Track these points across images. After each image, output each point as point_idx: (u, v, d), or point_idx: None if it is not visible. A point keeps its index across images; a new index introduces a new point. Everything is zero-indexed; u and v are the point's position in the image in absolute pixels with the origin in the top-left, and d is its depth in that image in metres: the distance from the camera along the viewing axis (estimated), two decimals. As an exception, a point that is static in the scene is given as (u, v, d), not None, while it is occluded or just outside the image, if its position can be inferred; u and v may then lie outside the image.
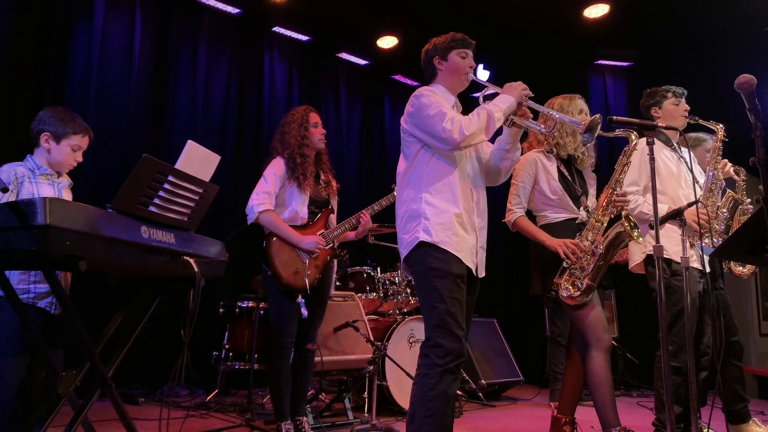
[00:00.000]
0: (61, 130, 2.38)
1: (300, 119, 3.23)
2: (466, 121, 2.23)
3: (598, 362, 2.60)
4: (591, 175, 2.98)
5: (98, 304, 4.19)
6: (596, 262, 2.61)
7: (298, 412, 3.18)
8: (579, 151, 2.86)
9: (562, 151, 2.85)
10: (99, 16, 4.66)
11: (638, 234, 2.61)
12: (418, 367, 2.19)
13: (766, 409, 4.27)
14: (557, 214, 2.82)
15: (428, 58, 2.50)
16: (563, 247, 2.63)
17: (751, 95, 1.83)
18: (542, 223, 2.85)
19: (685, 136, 3.27)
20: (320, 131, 3.25)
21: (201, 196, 2.10)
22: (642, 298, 5.12)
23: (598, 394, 2.59)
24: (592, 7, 5.51)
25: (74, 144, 2.40)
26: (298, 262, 3.11)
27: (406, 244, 2.31)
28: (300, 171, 3.15)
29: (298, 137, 3.19)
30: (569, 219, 2.80)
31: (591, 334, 2.63)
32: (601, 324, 2.64)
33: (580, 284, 2.62)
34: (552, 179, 2.81)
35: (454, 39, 2.45)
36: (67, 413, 2.02)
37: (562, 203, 2.80)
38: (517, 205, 2.83)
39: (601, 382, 2.58)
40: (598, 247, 2.62)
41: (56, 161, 2.40)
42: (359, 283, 4.46)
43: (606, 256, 2.62)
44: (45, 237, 1.52)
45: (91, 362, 1.98)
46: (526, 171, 2.83)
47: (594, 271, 2.61)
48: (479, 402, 4.57)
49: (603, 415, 2.59)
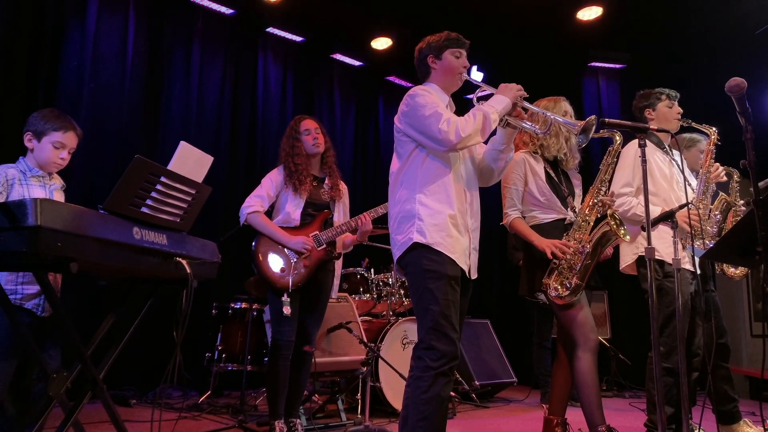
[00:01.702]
0: (41, 127, 2.34)
1: (290, 129, 3.36)
2: (462, 122, 2.21)
3: (585, 363, 2.63)
4: (576, 176, 3.01)
5: (90, 305, 4.17)
6: (583, 260, 2.65)
7: (291, 413, 3.19)
8: (562, 153, 2.88)
9: (546, 152, 2.87)
10: (92, 17, 4.64)
11: (624, 232, 2.65)
12: (411, 370, 2.18)
13: (757, 410, 4.29)
14: (546, 214, 2.84)
15: (422, 56, 2.49)
16: (551, 247, 2.67)
17: (741, 98, 1.85)
18: (532, 223, 2.86)
19: (677, 137, 3.29)
20: (312, 137, 3.30)
21: (194, 197, 2.09)
22: (635, 300, 5.14)
23: (584, 393, 2.64)
24: (586, 9, 5.54)
25: (55, 141, 2.35)
26: (284, 261, 3.15)
27: (399, 245, 2.30)
28: (295, 178, 3.23)
29: (287, 147, 3.31)
30: (558, 219, 2.82)
31: (579, 335, 2.66)
32: (588, 324, 2.67)
33: (568, 283, 2.65)
34: (539, 180, 2.83)
35: (448, 38, 2.44)
36: (58, 415, 2.01)
37: (551, 204, 2.82)
38: (511, 207, 2.86)
39: (588, 382, 2.63)
40: (586, 246, 2.66)
41: (40, 160, 2.36)
42: (353, 285, 4.46)
43: (593, 254, 2.66)
44: (36, 238, 1.51)
45: (83, 364, 1.96)
46: (515, 172, 2.85)
47: (582, 270, 2.65)
48: (472, 403, 4.57)
49: (589, 414, 2.64)
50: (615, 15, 5.54)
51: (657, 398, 2.17)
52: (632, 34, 5.87)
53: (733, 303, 5.53)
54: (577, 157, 2.95)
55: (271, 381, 3.11)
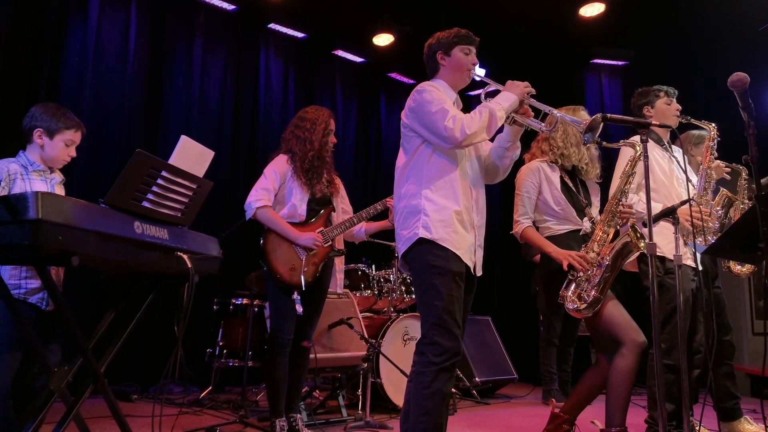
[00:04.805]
0: (54, 125, 2.37)
1: (325, 123, 3.22)
2: (467, 119, 2.20)
3: (628, 361, 2.53)
4: (595, 187, 2.95)
5: (91, 300, 4.18)
6: (602, 273, 2.55)
7: (292, 409, 3.19)
8: (583, 162, 2.83)
9: (566, 161, 2.81)
10: (94, 12, 4.64)
11: (645, 244, 2.52)
12: (414, 365, 2.18)
13: (758, 407, 4.29)
14: (561, 225, 2.78)
15: (431, 52, 2.47)
16: (569, 258, 2.58)
17: (744, 93, 1.84)
18: (546, 234, 2.80)
19: (686, 134, 3.28)
20: (333, 139, 3.27)
21: (195, 192, 2.09)
22: (636, 297, 5.14)
23: (615, 393, 2.55)
24: (588, 6, 5.52)
25: (67, 139, 2.40)
26: (294, 258, 3.11)
27: (404, 240, 2.28)
28: (314, 173, 3.16)
29: (321, 141, 3.19)
30: (573, 230, 2.76)
31: (624, 335, 2.55)
32: (632, 325, 2.57)
33: (586, 296, 2.55)
34: (555, 189, 2.78)
35: (458, 35, 2.42)
36: (59, 409, 2.01)
37: (566, 214, 2.77)
38: (523, 215, 2.80)
39: (623, 382, 2.53)
40: (605, 258, 2.57)
41: (49, 157, 2.39)
42: (354, 281, 4.46)
43: (613, 267, 2.57)
44: (37, 231, 1.52)
45: (84, 358, 1.97)
46: (530, 180, 2.80)
47: (601, 283, 2.55)
48: (473, 400, 4.58)
49: (612, 413, 2.56)
50: (617, 12, 5.52)
51: (658, 395, 2.16)
52: (635, 30, 5.85)
53: (734, 301, 5.52)
54: (597, 167, 2.89)
55: (271, 378, 3.08)
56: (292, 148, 3.20)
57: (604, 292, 2.56)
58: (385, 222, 3.39)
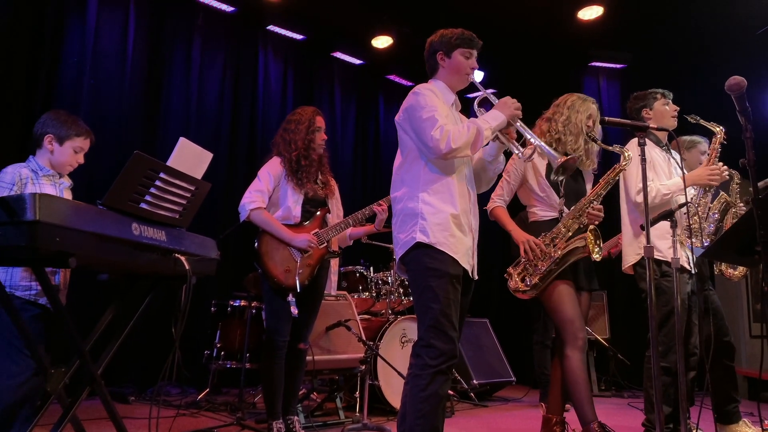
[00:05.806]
0: (65, 132, 2.44)
1: (308, 121, 3.21)
2: (455, 132, 2.19)
3: (574, 361, 2.65)
4: (590, 178, 2.99)
5: (88, 301, 4.16)
6: (549, 265, 2.70)
7: (289, 411, 3.18)
8: (577, 152, 2.85)
9: (561, 147, 2.84)
10: (92, 13, 4.63)
11: (598, 251, 2.69)
12: (410, 367, 2.18)
13: (755, 410, 4.29)
14: (545, 212, 2.85)
15: (432, 50, 2.45)
16: (525, 244, 2.72)
17: (741, 97, 1.85)
18: (532, 219, 2.89)
19: (678, 139, 3.28)
20: (322, 136, 3.25)
21: (193, 194, 2.09)
22: (633, 300, 5.15)
23: (575, 391, 2.65)
24: (586, 8, 5.53)
25: (77, 146, 2.47)
26: (289, 260, 3.10)
27: (402, 244, 2.28)
28: (303, 173, 3.15)
29: (305, 140, 3.18)
30: (556, 219, 2.82)
31: (567, 333, 2.68)
32: (576, 323, 2.68)
33: (528, 280, 2.71)
34: (540, 176, 2.84)
35: (461, 36, 2.40)
36: (56, 411, 2.01)
37: (551, 201, 2.83)
38: (499, 197, 2.90)
39: (577, 380, 2.64)
40: (557, 252, 2.70)
41: (58, 162, 2.45)
42: (352, 283, 4.46)
43: (562, 262, 2.70)
44: (34, 232, 1.52)
45: (81, 360, 1.96)
46: (515, 167, 2.87)
47: (545, 273, 2.70)
48: (471, 402, 4.57)
49: (580, 411, 2.64)
50: (616, 14, 5.53)
51: (655, 398, 2.17)
52: (633, 34, 5.87)
53: (732, 304, 5.53)
54: (594, 161, 2.95)
55: (267, 381, 3.07)
56: (281, 151, 3.21)
57: (545, 282, 2.71)
58: (371, 227, 3.39)
